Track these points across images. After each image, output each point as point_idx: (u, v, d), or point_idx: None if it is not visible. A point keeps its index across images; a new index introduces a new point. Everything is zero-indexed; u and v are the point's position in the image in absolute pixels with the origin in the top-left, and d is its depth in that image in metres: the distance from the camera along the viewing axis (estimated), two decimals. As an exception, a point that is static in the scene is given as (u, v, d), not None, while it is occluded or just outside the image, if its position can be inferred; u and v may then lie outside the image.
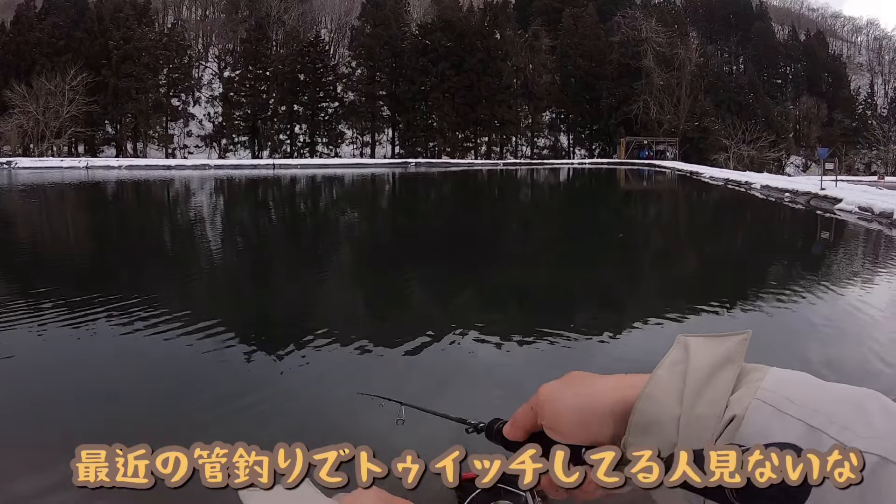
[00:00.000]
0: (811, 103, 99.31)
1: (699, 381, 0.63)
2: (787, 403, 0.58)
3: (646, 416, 0.64)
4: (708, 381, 0.63)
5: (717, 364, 0.64)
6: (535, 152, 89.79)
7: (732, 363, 0.64)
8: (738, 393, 0.61)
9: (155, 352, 6.83)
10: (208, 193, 34.89)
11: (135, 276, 11.46)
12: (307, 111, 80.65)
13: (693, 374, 0.64)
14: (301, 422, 5.27)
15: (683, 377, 0.64)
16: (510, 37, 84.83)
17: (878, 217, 20.57)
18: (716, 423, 0.60)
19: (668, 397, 0.64)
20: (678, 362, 0.66)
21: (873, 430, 0.53)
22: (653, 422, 0.64)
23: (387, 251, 15.57)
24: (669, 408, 0.63)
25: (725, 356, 0.64)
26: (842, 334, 8.01)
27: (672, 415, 0.63)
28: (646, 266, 14.16)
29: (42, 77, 65.63)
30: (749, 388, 0.61)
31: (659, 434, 0.63)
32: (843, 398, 0.57)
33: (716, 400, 0.61)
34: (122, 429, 5.00)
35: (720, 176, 44.45)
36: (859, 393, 0.58)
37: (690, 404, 0.62)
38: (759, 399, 0.59)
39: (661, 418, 0.63)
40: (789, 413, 0.57)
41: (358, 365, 6.50)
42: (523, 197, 37.23)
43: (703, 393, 0.62)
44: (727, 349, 0.65)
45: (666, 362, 0.67)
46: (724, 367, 0.63)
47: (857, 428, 0.54)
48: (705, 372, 0.64)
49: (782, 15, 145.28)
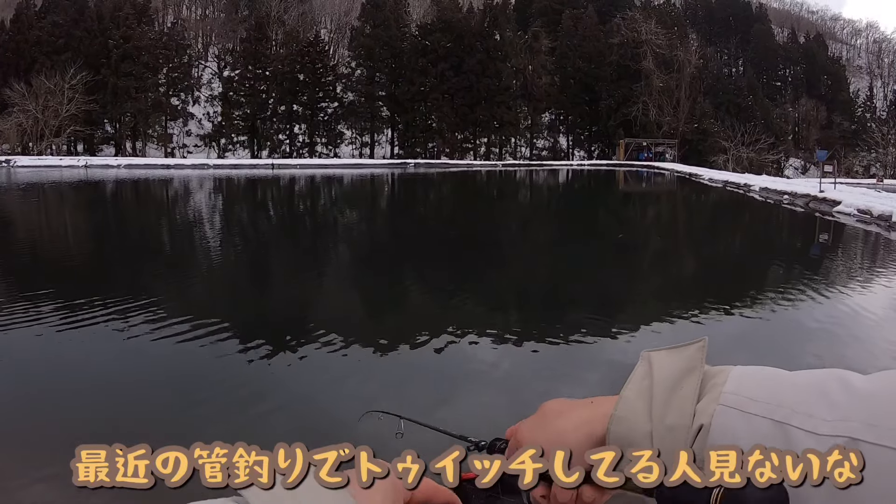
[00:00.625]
0: (810, 106, 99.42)
1: (664, 393, 0.64)
2: (750, 403, 0.58)
3: (620, 437, 0.65)
4: (673, 392, 0.64)
5: (680, 374, 0.65)
6: (534, 154, 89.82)
7: (694, 371, 0.65)
8: (702, 401, 0.62)
9: (151, 352, 6.82)
10: (207, 193, 34.88)
11: (133, 275, 11.46)
12: (306, 111, 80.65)
13: (658, 388, 0.65)
14: (298, 422, 5.28)
15: (650, 392, 0.65)
16: (510, 38, 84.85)
17: (877, 219, 20.58)
18: (686, 432, 0.61)
19: (637, 416, 0.65)
20: (643, 378, 0.68)
21: (837, 411, 0.54)
22: (627, 442, 0.64)
23: (386, 252, 15.57)
24: (640, 425, 0.64)
25: (687, 365, 0.65)
26: (840, 337, 8.01)
27: (644, 431, 0.64)
28: (644, 268, 14.17)
29: (41, 75, 65.63)
30: (712, 394, 0.62)
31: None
32: (805, 385, 0.58)
33: (683, 410, 0.62)
34: (122, 429, 5.01)
35: (719, 178, 44.46)
36: (821, 375, 0.58)
37: (660, 417, 0.63)
38: (723, 404, 0.60)
39: (633, 436, 0.64)
40: (753, 412, 0.58)
41: (356, 368, 6.49)
42: (522, 198, 37.24)
43: (670, 404, 0.63)
44: (687, 358, 0.66)
45: (632, 380, 0.69)
46: (687, 377, 0.64)
47: (821, 412, 0.54)
48: (669, 384, 0.65)
49: (782, 17, 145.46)
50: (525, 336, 7.62)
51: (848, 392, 0.55)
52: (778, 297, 10.04)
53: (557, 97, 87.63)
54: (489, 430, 3.62)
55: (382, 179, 49.01)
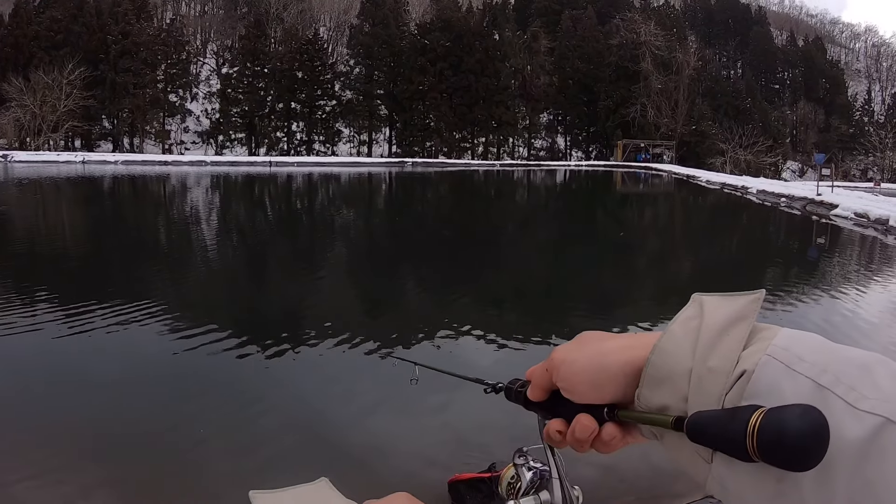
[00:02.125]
0: (808, 109, 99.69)
1: (712, 336, 0.64)
2: (797, 361, 0.58)
3: (659, 369, 0.65)
4: (720, 336, 0.63)
5: (730, 321, 0.64)
6: (532, 154, 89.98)
7: (745, 320, 0.64)
8: (749, 349, 0.62)
9: (148, 349, 6.81)
10: (205, 190, 34.84)
11: (128, 272, 11.43)
12: (304, 109, 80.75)
13: (706, 330, 0.65)
14: (293, 417, 5.26)
15: (697, 332, 0.65)
16: (509, 38, 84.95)
17: (874, 223, 20.58)
18: (726, 377, 0.60)
19: (680, 351, 0.65)
20: (692, 318, 0.67)
21: (880, 392, 0.54)
22: (665, 375, 0.65)
23: (383, 251, 15.55)
24: (682, 361, 0.64)
25: (738, 313, 0.65)
26: (836, 340, 8.01)
27: (684, 368, 0.63)
28: (641, 269, 14.16)
29: (40, 71, 65.63)
30: (761, 344, 0.61)
31: (671, 387, 0.64)
32: (853, 359, 0.57)
33: (727, 355, 0.62)
34: (120, 427, 4.99)
35: (717, 180, 44.48)
36: (868, 356, 0.58)
37: (702, 358, 0.63)
38: (770, 355, 0.59)
39: (673, 371, 0.64)
40: (798, 370, 0.57)
41: (354, 366, 6.48)
42: (520, 198, 37.22)
43: (716, 348, 0.63)
44: (740, 307, 0.66)
45: (680, 318, 0.68)
46: (737, 324, 0.64)
47: (864, 389, 0.54)
48: (718, 328, 0.64)
49: (781, 20, 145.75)
50: (523, 336, 7.61)
51: (893, 378, 0.55)
52: (774, 299, 10.03)
53: (556, 97, 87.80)
54: (490, 431, 3.57)
55: (380, 178, 48.98)
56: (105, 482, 4.17)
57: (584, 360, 0.71)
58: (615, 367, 0.68)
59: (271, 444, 4.70)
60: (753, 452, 0.53)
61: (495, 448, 4.61)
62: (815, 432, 0.51)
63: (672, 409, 0.64)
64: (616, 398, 0.69)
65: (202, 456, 4.54)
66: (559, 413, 0.75)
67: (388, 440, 4.85)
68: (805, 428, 0.51)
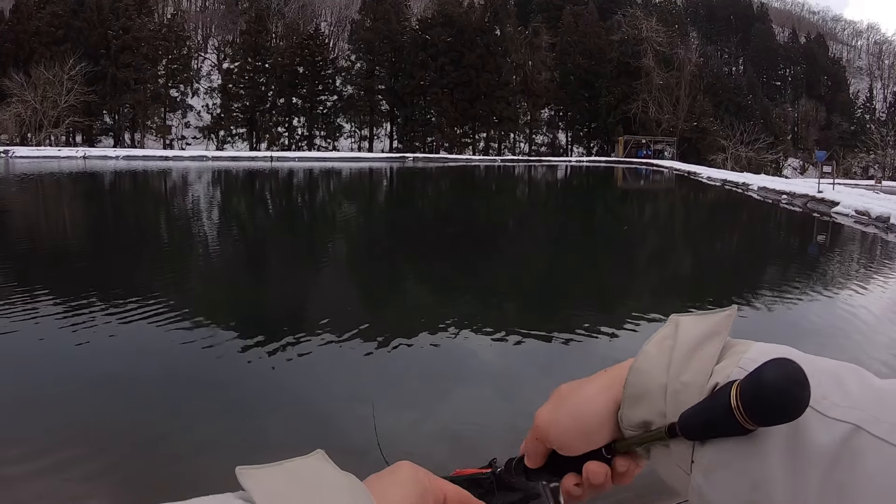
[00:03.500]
0: (810, 106, 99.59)
1: (685, 353, 0.65)
2: None
3: (636, 387, 0.67)
4: (693, 352, 0.65)
5: (703, 337, 0.66)
6: (533, 149, 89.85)
7: (718, 335, 0.66)
8: (722, 363, 0.63)
9: (148, 346, 6.82)
10: (206, 185, 34.85)
11: (129, 268, 11.44)
12: (306, 104, 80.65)
13: (680, 347, 0.66)
14: (292, 412, 5.27)
15: (671, 351, 0.67)
16: (510, 33, 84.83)
17: (875, 221, 20.58)
18: (700, 390, 0.62)
19: (655, 369, 0.66)
20: (667, 337, 0.69)
21: (850, 399, 0.55)
22: (643, 392, 0.66)
23: (384, 246, 15.56)
24: (657, 378, 0.66)
25: (711, 329, 0.66)
26: (836, 337, 8.02)
27: (660, 384, 0.65)
28: (642, 266, 14.18)
29: (41, 66, 65.52)
30: (733, 358, 0.63)
31: (648, 403, 0.66)
32: (823, 369, 0.59)
33: (701, 369, 0.63)
34: (117, 427, 5.01)
35: (718, 176, 44.44)
36: (839, 365, 0.60)
37: (676, 374, 0.65)
38: (741, 367, 0.61)
39: (649, 388, 0.66)
40: None
41: (351, 366, 6.49)
42: (521, 194, 37.22)
43: (689, 363, 0.64)
44: (713, 323, 0.67)
45: (655, 338, 0.70)
46: (710, 340, 0.66)
47: (835, 397, 0.56)
48: (692, 344, 0.66)
49: (783, 17, 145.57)
50: (523, 334, 7.61)
51: (862, 385, 0.57)
52: (774, 296, 10.05)
53: (557, 93, 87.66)
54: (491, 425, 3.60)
55: (381, 173, 48.97)
56: (105, 477, 4.18)
57: (568, 417, 0.72)
58: (602, 413, 0.70)
59: (270, 441, 4.71)
60: (743, 419, 0.55)
61: (496, 443, 4.62)
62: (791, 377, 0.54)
63: (654, 425, 0.65)
64: (610, 438, 0.71)
65: (199, 452, 4.55)
66: (562, 470, 0.75)
67: (387, 435, 4.86)
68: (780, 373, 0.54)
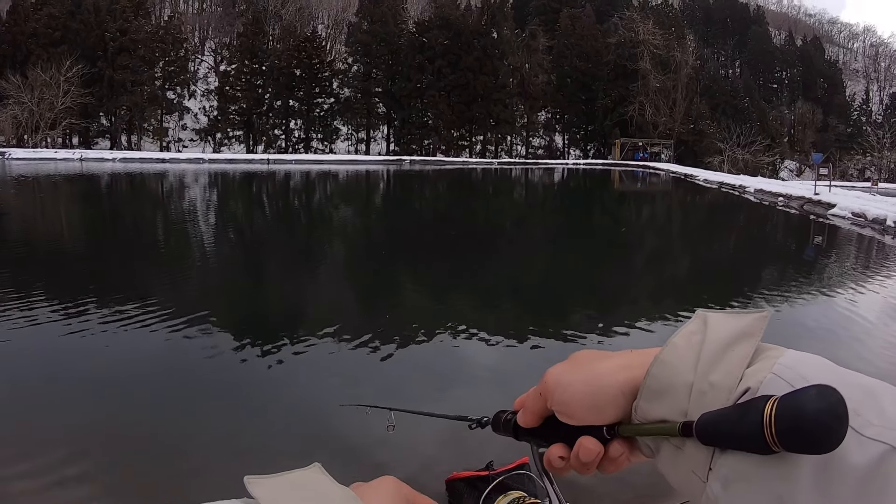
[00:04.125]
0: (806, 108, 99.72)
1: (715, 351, 0.63)
2: (802, 381, 0.56)
3: (659, 380, 0.64)
4: (724, 352, 0.63)
5: (735, 337, 0.64)
6: (529, 152, 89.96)
7: (750, 337, 0.63)
8: (754, 366, 0.61)
9: (144, 347, 6.81)
10: (203, 188, 34.82)
11: (126, 270, 11.43)
12: (302, 107, 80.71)
13: (710, 345, 0.64)
14: (289, 414, 5.26)
15: (700, 347, 0.64)
16: (507, 36, 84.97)
17: (872, 223, 20.60)
18: (728, 393, 0.59)
19: (682, 364, 0.64)
20: (695, 332, 0.66)
21: (884, 419, 0.53)
22: (665, 387, 0.64)
23: (381, 249, 15.55)
24: (683, 374, 0.63)
25: (744, 330, 0.64)
26: (831, 339, 8.02)
27: (685, 381, 0.62)
28: (639, 268, 14.17)
29: (37, 68, 65.51)
30: (766, 362, 0.60)
31: (670, 400, 0.63)
32: (858, 384, 0.57)
33: (731, 371, 0.61)
34: (114, 426, 4.99)
35: (714, 179, 44.49)
36: (873, 382, 0.57)
37: (704, 372, 0.62)
38: (775, 374, 0.58)
39: (673, 384, 0.63)
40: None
41: (349, 367, 6.48)
42: (518, 196, 37.23)
43: (719, 363, 0.62)
44: (746, 324, 0.65)
45: (683, 332, 0.67)
46: (742, 341, 0.63)
47: (869, 415, 0.53)
48: (722, 344, 0.63)
49: (779, 20, 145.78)
50: (521, 336, 7.61)
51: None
52: (772, 298, 10.05)
53: (554, 96, 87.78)
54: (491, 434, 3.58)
55: (378, 176, 48.96)
56: (102, 479, 4.17)
57: (580, 382, 0.69)
58: (614, 388, 0.67)
59: (267, 442, 4.70)
60: (773, 442, 0.52)
61: (495, 445, 4.60)
62: (834, 411, 0.50)
63: (672, 422, 0.62)
64: (616, 418, 0.68)
65: (198, 453, 4.54)
66: (555, 438, 0.73)
67: (385, 437, 4.85)
68: (824, 406, 0.50)
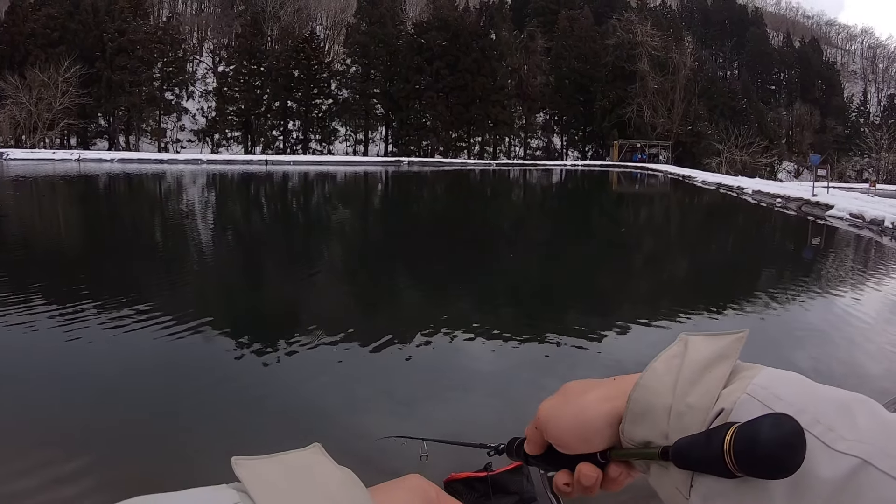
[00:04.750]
0: (804, 110, 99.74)
1: (693, 373, 0.65)
2: (776, 400, 0.59)
3: (640, 404, 0.66)
4: (701, 374, 0.64)
5: (712, 359, 0.65)
6: (528, 153, 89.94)
7: (727, 359, 0.65)
8: (729, 387, 0.62)
9: (143, 347, 6.80)
10: (201, 189, 34.81)
11: (124, 270, 11.42)
12: (301, 108, 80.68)
13: (687, 368, 0.66)
14: (288, 413, 5.26)
15: (679, 370, 0.66)
16: (505, 37, 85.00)
17: (869, 224, 20.64)
18: (704, 414, 0.61)
19: (661, 387, 0.66)
20: (675, 356, 0.69)
21: (858, 432, 0.54)
22: (646, 409, 0.66)
23: (379, 251, 15.55)
24: (662, 397, 0.65)
25: (721, 352, 0.66)
26: (829, 340, 8.03)
27: (664, 404, 0.65)
28: (638, 269, 14.18)
29: (36, 68, 65.42)
30: (741, 383, 0.62)
31: (651, 422, 0.65)
32: (832, 399, 0.58)
33: (707, 392, 0.63)
34: (112, 423, 4.99)
35: (712, 180, 44.56)
36: (849, 396, 0.59)
37: (682, 394, 0.64)
38: (749, 394, 0.60)
39: (654, 406, 0.65)
40: (776, 409, 0.58)
41: (351, 371, 6.48)
42: (517, 197, 37.25)
43: (696, 385, 0.64)
44: (723, 346, 0.67)
45: (663, 356, 0.70)
46: (719, 363, 0.65)
47: (842, 430, 0.55)
48: (700, 366, 0.65)
49: (777, 21, 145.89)
50: (521, 339, 7.61)
51: (873, 418, 0.56)
52: (769, 299, 10.06)
53: (552, 97, 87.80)
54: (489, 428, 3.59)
55: (376, 177, 48.96)
56: (97, 475, 4.17)
57: (568, 417, 0.72)
58: (599, 421, 0.70)
59: (265, 439, 4.70)
60: (733, 467, 0.55)
61: (495, 441, 4.57)
62: (785, 440, 0.53)
63: (654, 444, 0.65)
64: (606, 445, 0.71)
65: (193, 448, 4.54)
66: (559, 463, 0.76)
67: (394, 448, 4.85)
68: (775, 436, 0.53)
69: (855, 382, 6.37)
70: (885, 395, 5.84)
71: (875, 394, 4.86)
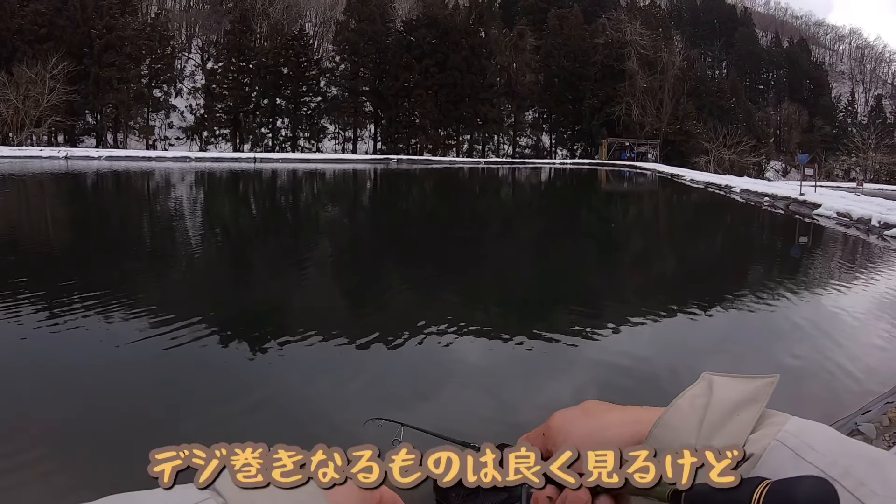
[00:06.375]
0: (792, 109, 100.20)
1: (720, 416, 0.63)
2: (807, 450, 0.57)
3: (661, 443, 0.64)
4: (729, 417, 0.62)
5: (741, 402, 0.63)
6: (517, 151, 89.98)
7: (756, 403, 0.63)
8: (758, 433, 0.61)
9: (130, 342, 6.77)
10: (189, 186, 34.69)
11: (113, 270, 11.37)
12: (290, 105, 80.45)
13: (714, 409, 0.63)
14: (277, 409, 5.25)
15: (704, 410, 0.64)
16: (495, 35, 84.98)
17: (856, 223, 20.75)
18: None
19: (685, 427, 0.63)
20: (699, 395, 0.66)
21: (890, 488, 0.53)
22: (666, 448, 0.62)
23: (369, 249, 15.54)
24: (684, 437, 0.63)
25: (750, 396, 0.64)
26: (816, 338, 8.06)
27: (687, 445, 0.62)
28: (625, 268, 14.22)
29: (23, 65, 64.95)
30: (770, 429, 0.60)
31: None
32: (864, 454, 0.56)
33: (734, 436, 0.61)
34: (111, 426, 4.97)
35: (701, 179, 44.73)
36: (880, 453, 0.57)
37: (707, 437, 0.62)
38: (780, 441, 0.58)
39: (675, 447, 0.62)
40: (807, 459, 0.56)
41: (341, 368, 6.47)
42: (505, 195, 37.28)
43: (723, 428, 0.62)
44: (752, 389, 0.64)
45: (687, 394, 0.67)
46: (747, 407, 0.63)
47: (875, 485, 0.53)
48: (727, 408, 0.63)
49: (766, 21, 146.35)
50: (512, 338, 7.62)
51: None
52: (755, 297, 10.09)
53: (541, 95, 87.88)
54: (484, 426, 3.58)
55: (365, 175, 48.90)
56: (89, 472, 4.15)
57: (583, 432, 0.69)
58: (616, 442, 0.65)
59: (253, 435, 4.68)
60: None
61: (479, 441, 4.57)
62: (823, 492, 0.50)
63: (666, 484, 0.60)
64: None
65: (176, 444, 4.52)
66: (548, 478, 0.69)
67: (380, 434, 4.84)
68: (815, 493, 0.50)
69: (843, 379, 6.39)
70: (870, 395, 5.87)
71: (861, 392, 4.90)
